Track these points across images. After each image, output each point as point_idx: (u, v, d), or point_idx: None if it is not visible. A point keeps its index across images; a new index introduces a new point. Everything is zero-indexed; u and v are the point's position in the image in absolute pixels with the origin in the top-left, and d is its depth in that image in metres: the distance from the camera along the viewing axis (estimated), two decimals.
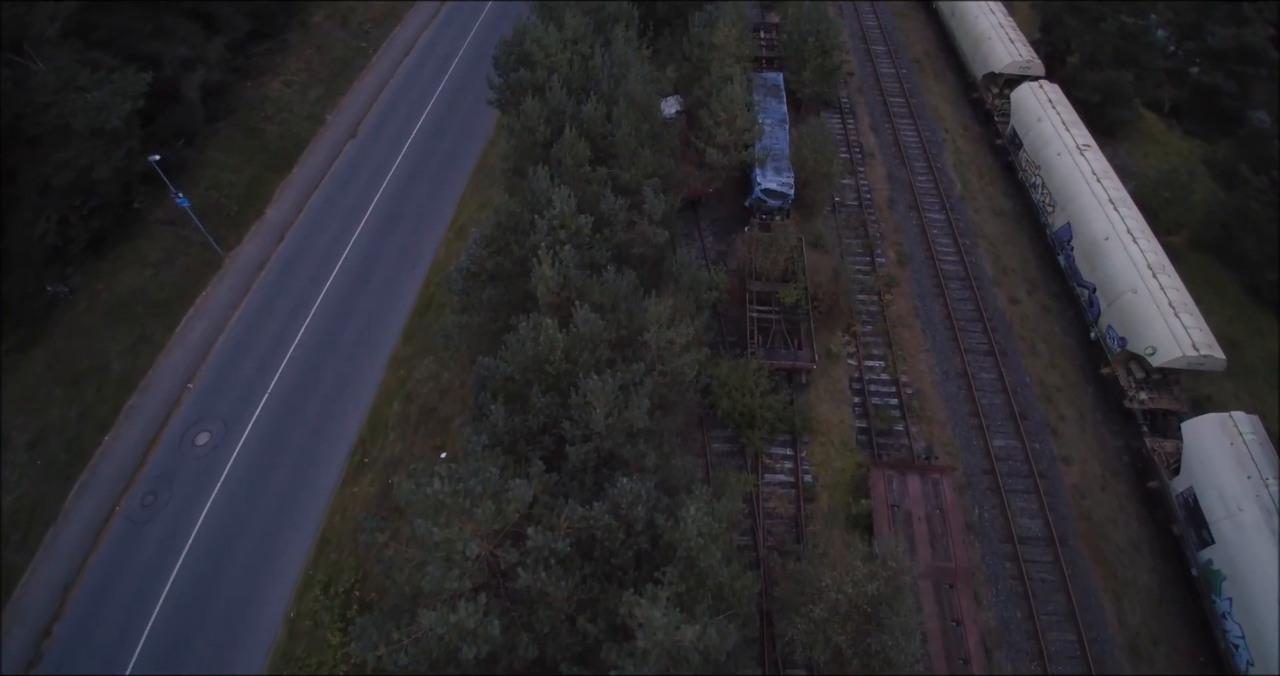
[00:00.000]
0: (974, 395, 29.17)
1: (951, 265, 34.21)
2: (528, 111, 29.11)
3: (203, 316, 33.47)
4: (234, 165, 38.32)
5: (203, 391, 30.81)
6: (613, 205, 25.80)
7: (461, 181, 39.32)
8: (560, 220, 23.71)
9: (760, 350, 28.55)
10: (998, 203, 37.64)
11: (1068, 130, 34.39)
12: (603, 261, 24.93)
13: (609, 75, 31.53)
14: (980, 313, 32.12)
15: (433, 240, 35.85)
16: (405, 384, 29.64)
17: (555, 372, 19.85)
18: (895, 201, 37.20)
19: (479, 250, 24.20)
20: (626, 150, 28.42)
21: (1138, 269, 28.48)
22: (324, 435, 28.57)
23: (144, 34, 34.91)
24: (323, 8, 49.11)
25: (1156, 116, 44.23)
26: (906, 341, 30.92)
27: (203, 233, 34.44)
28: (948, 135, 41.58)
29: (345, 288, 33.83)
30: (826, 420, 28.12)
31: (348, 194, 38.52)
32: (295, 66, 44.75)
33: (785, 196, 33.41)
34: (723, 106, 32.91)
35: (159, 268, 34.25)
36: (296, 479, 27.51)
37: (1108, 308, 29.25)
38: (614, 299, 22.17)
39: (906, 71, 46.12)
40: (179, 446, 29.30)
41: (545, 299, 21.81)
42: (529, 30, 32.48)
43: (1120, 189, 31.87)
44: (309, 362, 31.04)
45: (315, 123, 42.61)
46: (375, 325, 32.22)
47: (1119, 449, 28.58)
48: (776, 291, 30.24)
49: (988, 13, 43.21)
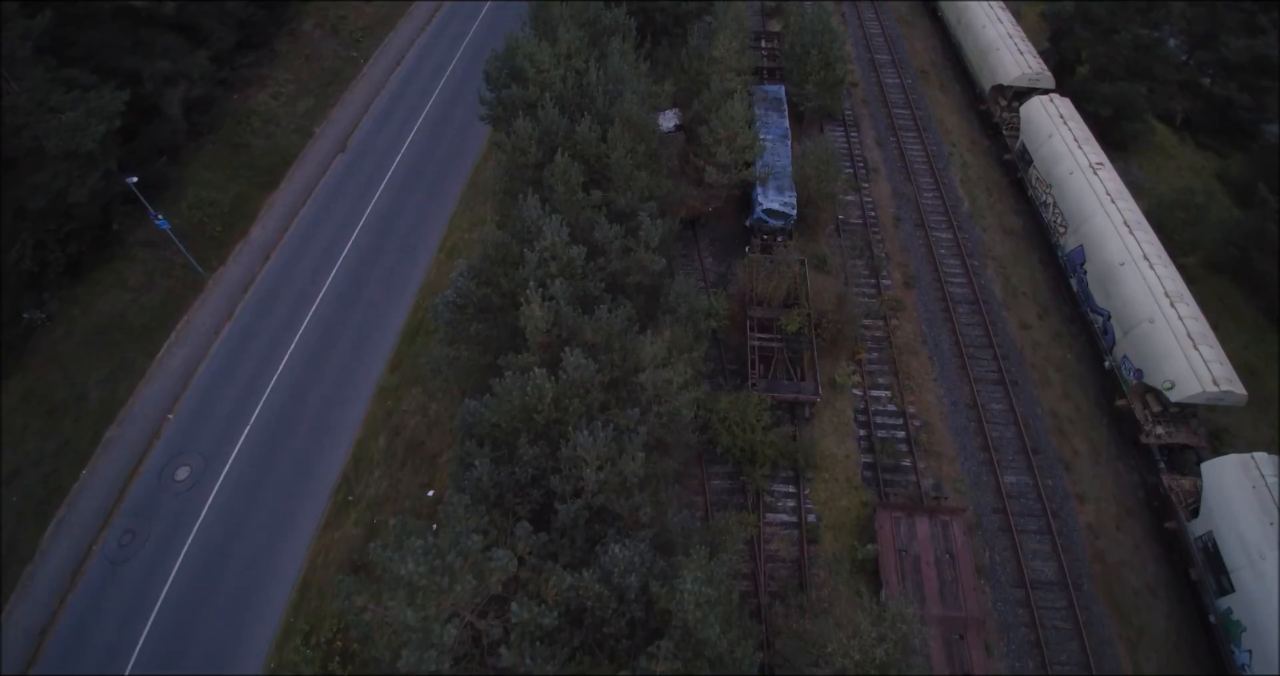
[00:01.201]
0: (984, 428, 28.05)
1: (960, 288, 33.04)
2: (519, 132, 27.97)
3: (184, 342, 32.33)
4: (218, 182, 37.14)
5: (183, 422, 29.69)
6: (607, 233, 24.66)
7: (454, 197, 38.14)
8: (551, 251, 22.58)
9: (761, 382, 27.43)
10: (1007, 221, 36.45)
11: (1080, 148, 33.18)
12: (596, 293, 23.83)
13: (604, 92, 30.37)
14: (990, 339, 30.96)
15: (423, 260, 34.68)
16: (392, 416, 28.52)
17: (544, 421, 18.73)
18: (901, 219, 36.01)
19: (466, 283, 23.06)
20: (622, 173, 27.28)
21: (1155, 297, 27.32)
22: (306, 471, 27.45)
23: (123, 48, 33.66)
24: (312, 16, 47.85)
25: (1168, 129, 43.00)
26: (914, 370, 29.78)
27: (184, 254, 33.30)
28: (954, 149, 40.36)
29: (331, 311, 32.68)
30: (831, 455, 27.01)
31: (336, 211, 37.35)
32: (283, 77, 43.53)
33: (788, 217, 32.24)
34: (723, 124, 31.72)
35: (139, 292, 33.09)
36: (278, 518, 26.40)
37: (1123, 337, 28.10)
38: (607, 337, 21.03)
39: (912, 82, 44.88)
40: (158, 481, 28.19)
41: (534, 339, 20.68)
42: (521, 45, 31.26)
43: (1135, 211, 30.69)
44: (292, 392, 29.92)
45: (303, 136, 41.40)
46: (361, 352, 31.08)
47: (1134, 484, 27.48)
48: (778, 318, 29.12)
49: (995, 21, 41.94)
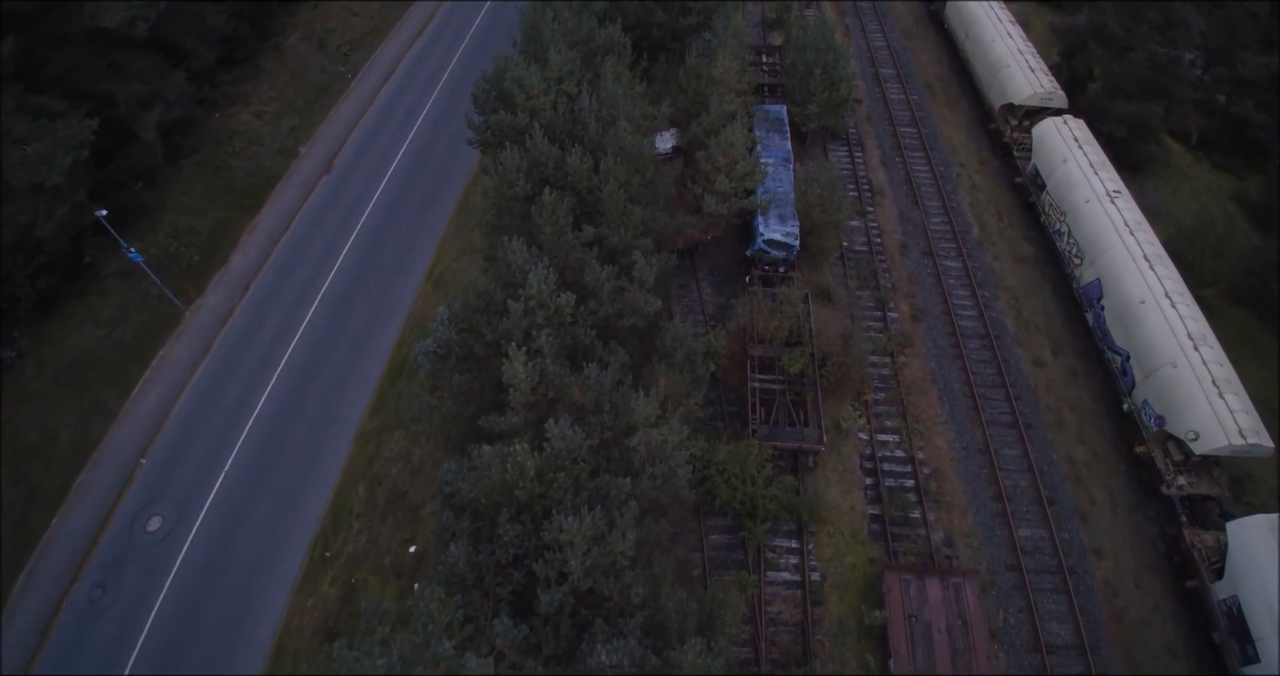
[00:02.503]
0: (997, 475, 26.61)
1: (970, 321, 31.56)
2: (506, 164, 26.49)
3: (159, 380, 30.95)
4: (197, 208, 35.71)
5: (156, 467, 28.33)
6: (598, 276, 23.22)
7: (442, 223, 36.71)
8: (538, 299, 21.15)
9: (762, 428, 25.99)
10: (1018, 248, 34.95)
11: (1096, 174, 31.66)
12: (586, 341, 22.41)
13: (597, 118, 28.89)
14: (1002, 377, 29.51)
15: (408, 292, 33.25)
16: (373, 463, 27.13)
17: (526, 498, 17.32)
18: (908, 247, 34.53)
19: (446, 332, 21.62)
20: (614, 209, 25.81)
21: (1177, 339, 25.85)
22: (282, 523, 26.09)
23: (95, 71, 32.22)
24: (299, 29, 46.38)
25: (1183, 148, 41.46)
26: (923, 411, 28.34)
27: (160, 287, 31.90)
28: (963, 170, 38.85)
29: (312, 345, 31.29)
30: (836, 506, 25.59)
31: (319, 238, 35.91)
32: (268, 95, 42.05)
33: (790, 247, 30.76)
34: (722, 150, 30.23)
35: (113, 327, 31.72)
36: (252, 575, 25.04)
37: (1143, 380, 26.64)
38: (597, 398, 19.62)
39: (918, 98, 43.34)
40: (130, 531, 26.86)
41: (518, 399, 19.26)
42: (509, 68, 29.76)
43: (1155, 243, 29.19)
44: (269, 436, 28.53)
45: (288, 156, 39.96)
46: (343, 391, 29.68)
47: (1153, 536, 26.03)
48: (780, 357, 27.68)
49: (1005, 36, 40.35)
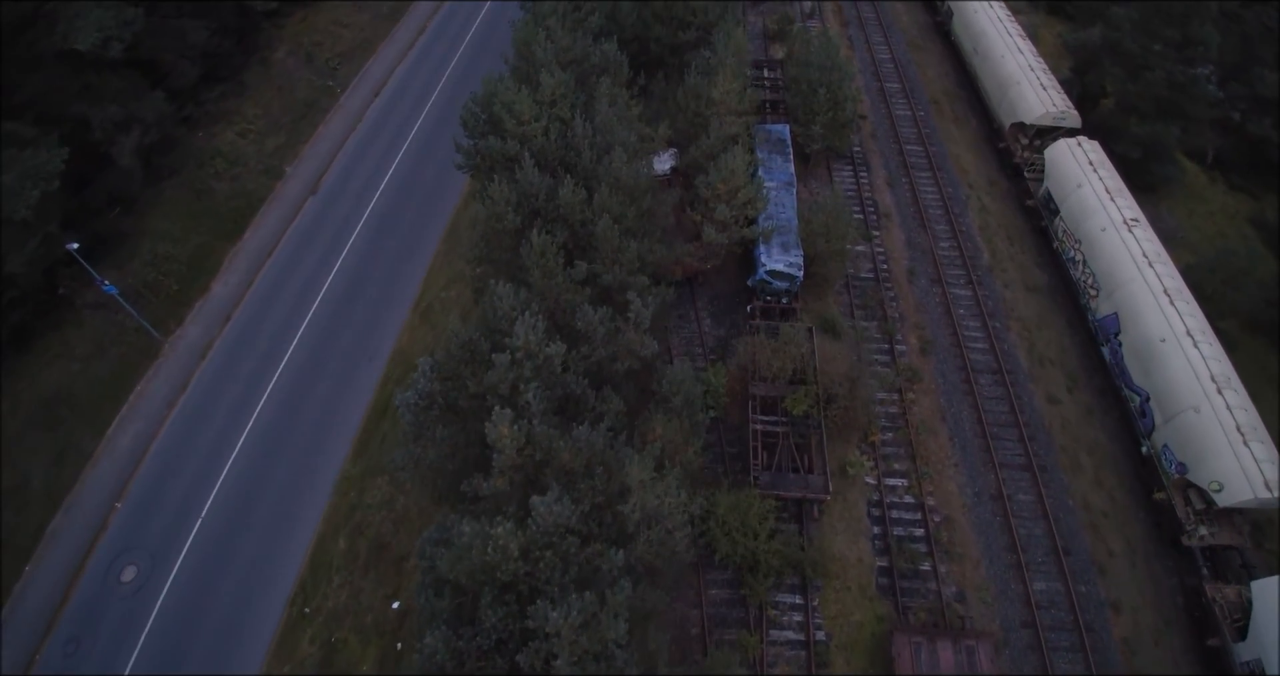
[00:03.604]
0: (1011, 523, 25.35)
1: (981, 355, 30.26)
2: (495, 197, 25.21)
3: (136, 417, 29.71)
4: (177, 234, 34.43)
5: (131, 512, 27.12)
6: (591, 320, 21.94)
7: (431, 248, 35.42)
8: (525, 350, 19.89)
9: (764, 474, 24.72)
10: (1030, 275, 33.62)
11: (1113, 200, 30.33)
12: (578, 390, 21.16)
13: (591, 145, 27.60)
14: (1015, 416, 28.22)
15: (394, 324, 31.97)
16: (355, 511, 25.86)
17: (510, 578, 16.07)
18: (916, 274, 33.21)
19: (429, 384, 20.36)
20: (608, 245, 24.53)
21: (1200, 383, 24.56)
22: (260, 575, 24.84)
23: (69, 93, 30.91)
24: (285, 43, 45.04)
25: (1199, 168, 40.12)
26: (933, 453, 27.07)
27: (137, 319, 30.65)
28: (971, 191, 37.50)
29: (293, 383, 30.01)
30: (842, 558, 24.33)
31: (303, 264, 34.62)
32: (253, 113, 40.73)
33: (793, 278, 29.45)
34: (722, 177, 28.94)
35: (88, 361, 30.48)
36: (228, 632, 23.81)
37: (1164, 424, 25.36)
38: (588, 460, 18.36)
39: (924, 114, 41.97)
40: (104, 581, 25.65)
41: (503, 463, 18.01)
42: (499, 92, 28.45)
43: (1175, 275, 27.90)
44: (248, 479, 27.29)
45: (272, 177, 38.65)
46: (325, 432, 28.41)
47: (1173, 588, 24.81)
48: (783, 397, 26.42)
49: (1015, 51, 38.95)
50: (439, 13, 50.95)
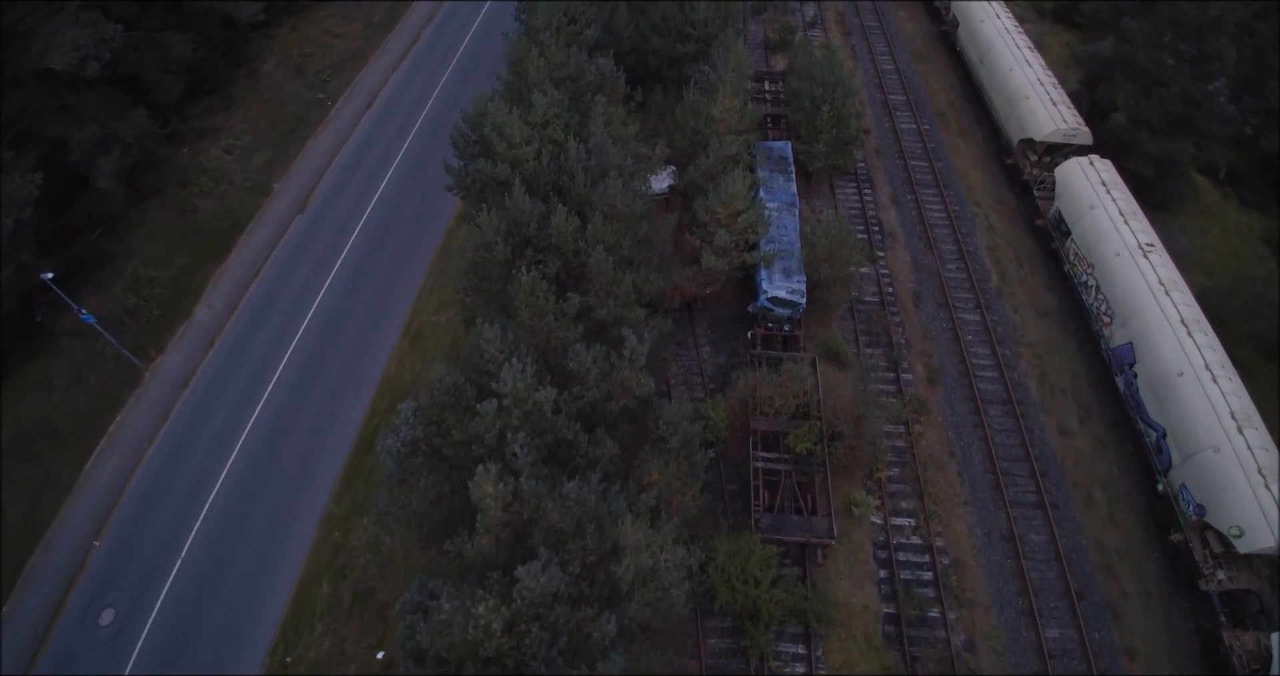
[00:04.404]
0: (1023, 566, 24.34)
1: (991, 384, 29.22)
2: (484, 226, 24.18)
3: (115, 449, 28.71)
4: (160, 255, 33.39)
5: (110, 551, 26.10)
6: (583, 361, 20.90)
7: (421, 269, 34.37)
8: (513, 396, 18.87)
9: (766, 517, 23.72)
10: (1041, 299, 32.55)
11: (1127, 223, 29.28)
12: (569, 436, 20.14)
13: (585, 169, 26.55)
14: (1026, 449, 27.20)
15: (383, 349, 30.93)
16: (339, 553, 24.85)
17: (493, 654, 15.06)
18: (922, 297, 32.15)
19: (411, 431, 19.33)
20: (603, 277, 23.49)
21: (1220, 421, 23.51)
22: (240, 622, 23.81)
23: (46, 113, 29.87)
24: (275, 54, 43.95)
25: (1211, 183, 39.03)
26: (941, 490, 26.05)
27: (117, 347, 29.64)
28: (979, 209, 36.43)
29: (276, 414, 28.98)
30: (847, 604, 23.32)
31: (290, 286, 33.58)
32: (240, 128, 39.65)
33: (796, 305, 28.41)
34: (722, 202, 27.90)
35: (67, 391, 29.47)
36: None
37: (1181, 463, 24.31)
38: (578, 518, 17.34)
39: (929, 127, 40.88)
40: (82, 624, 24.61)
41: (488, 522, 17.00)
42: (490, 113, 27.39)
43: (1192, 304, 26.85)
44: (229, 516, 26.28)
45: (259, 195, 37.59)
46: (309, 466, 27.38)
47: (1189, 633, 23.78)
48: (786, 432, 25.40)
49: (1023, 64, 37.82)
50: (433, 22, 49.85)
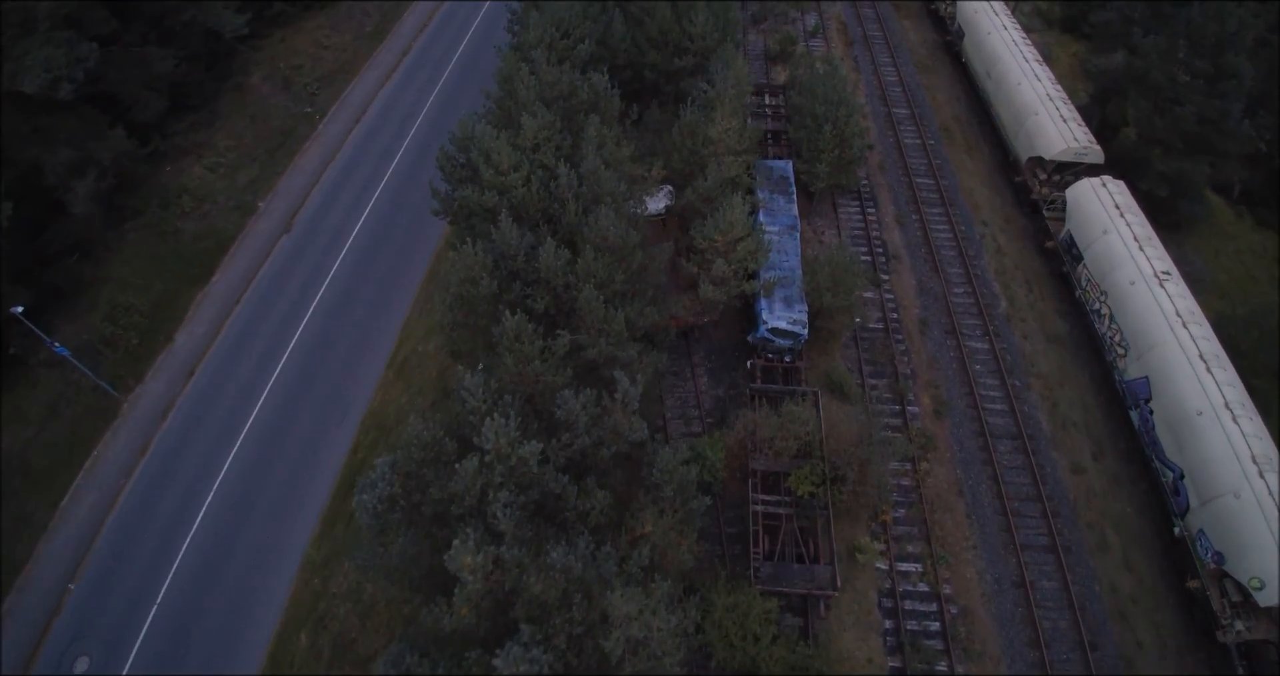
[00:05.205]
0: (1034, 615, 23.27)
1: (1000, 417, 28.12)
2: (468, 261, 23.06)
3: (92, 486, 27.70)
4: (139, 281, 32.33)
5: (85, 594, 25.10)
6: (572, 408, 19.81)
7: (409, 294, 33.30)
8: (496, 453, 17.80)
9: (766, 566, 22.66)
10: (1051, 325, 31.42)
11: (1142, 250, 28.11)
12: (556, 489, 19.06)
13: (576, 196, 25.42)
14: (1038, 487, 26.11)
15: (368, 380, 29.86)
16: (319, 601, 23.80)
17: None
18: (928, 324, 31.03)
19: (388, 487, 18.23)
20: (593, 315, 22.39)
21: (1240, 464, 22.37)
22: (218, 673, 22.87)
23: (20, 137, 28.78)
24: (262, 67, 42.82)
25: (1224, 201, 37.84)
26: (949, 532, 24.98)
27: (93, 379, 28.62)
28: (986, 229, 35.28)
29: (257, 449, 27.93)
30: (850, 657, 22.25)
31: (275, 310, 32.51)
32: (224, 144, 38.56)
33: (797, 337, 27.30)
34: (720, 230, 26.78)
35: (43, 425, 28.49)
36: None
37: (1200, 507, 23.20)
38: (564, 589, 16.27)
39: (935, 142, 39.70)
40: (57, 673, 23.65)
41: (467, 593, 15.93)
42: (477, 138, 26.27)
43: (1211, 338, 25.70)
44: (206, 559, 25.25)
45: (244, 214, 36.49)
46: (289, 507, 26.29)
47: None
48: (787, 473, 24.31)
49: (1032, 79, 36.59)
50: (425, 31, 48.70)
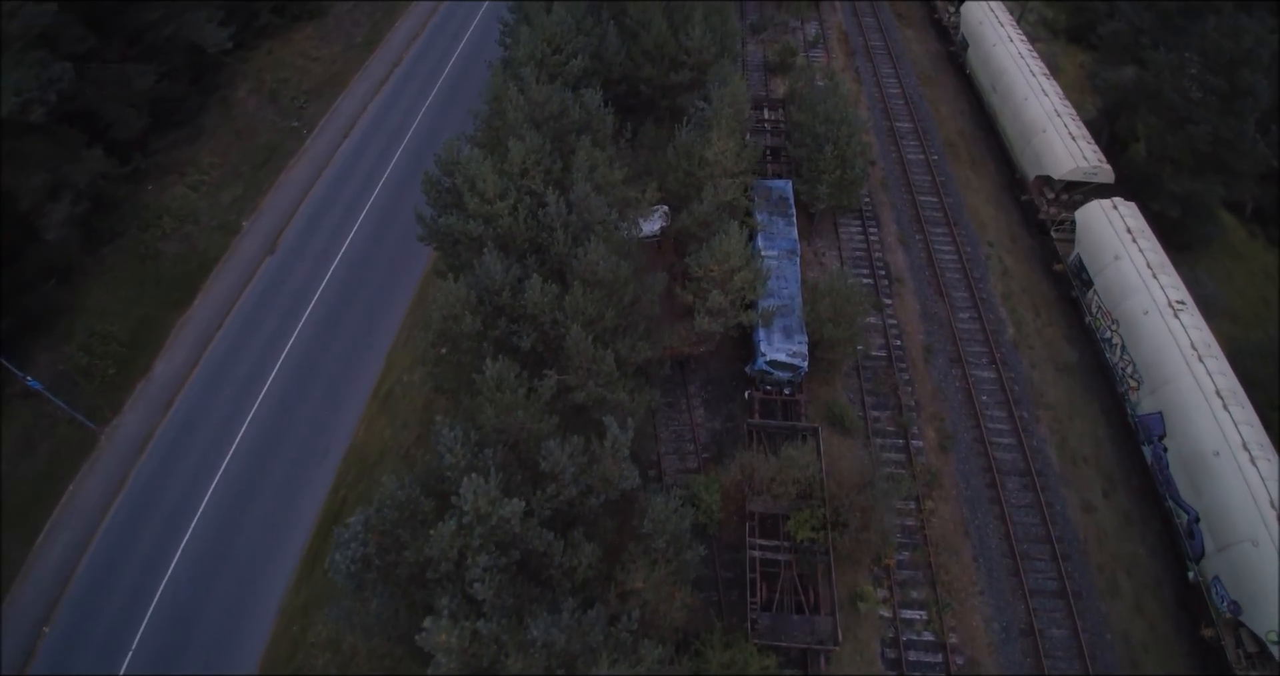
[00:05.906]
0: (1043, 665, 22.26)
1: (1007, 452, 27.08)
2: (449, 297, 22.05)
3: (67, 523, 26.76)
4: (118, 307, 31.34)
5: (60, 637, 24.20)
6: (559, 459, 18.82)
7: (396, 320, 32.27)
8: (475, 512, 16.82)
9: (764, 617, 21.63)
10: (1060, 352, 30.33)
11: (1155, 277, 27.03)
12: (541, 547, 18.08)
13: (565, 225, 24.40)
14: (1047, 528, 25.08)
15: (352, 412, 28.86)
16: (297, 650, 22.86)
17: None
18: (933, 351, 29.97)
19: (362, 547, 17.25)
20: (581, 357, 21.37)
21: (1259, 510, 21.30)
22: None
23: None
24: (248, 79, 41.74)
25: (1237, 220, 36.73)
26: (955, 577, 23.94)
27: (69, 412, 27.68)
28: (992, 250, 34.18)
29: (235, 486, 26.93)
30: None
31: (257, 337, 31.52)
32: (208, 161, 37.53)
33: (797, 369, 26.27)
34: (716, 258, 25.75)
35: (17, 460, 27.54)
36: None
37: (1216, 553, 22.16)
38: (546, 665, 15.27)
39: (939, 158, 38.58)
40: None
41: (443, 670, 14.96)
42: (463, 163, 25.24)
43: (1228, 373, 24.63)
44: (183, 604, 24.29)
45: (228, 233, 35.49)
46: (268, 546, 25.31)
47: None
48: (786, 516, 23.30)
49: (1039, 93, 35.44)
50: (417, 42, 47.63)
